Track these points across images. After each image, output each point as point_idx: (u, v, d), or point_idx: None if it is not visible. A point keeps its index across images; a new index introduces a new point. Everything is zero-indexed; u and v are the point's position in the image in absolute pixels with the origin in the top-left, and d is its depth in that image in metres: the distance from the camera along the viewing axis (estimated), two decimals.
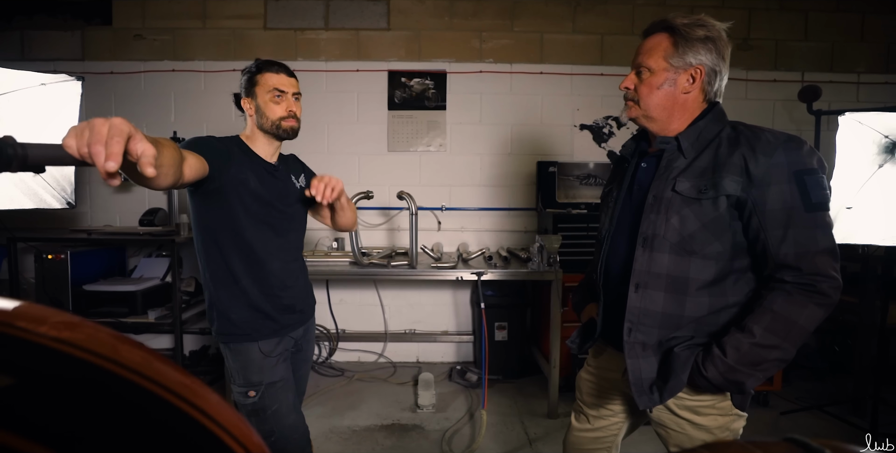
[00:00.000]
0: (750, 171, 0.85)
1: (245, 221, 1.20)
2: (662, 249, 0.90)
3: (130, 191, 2.96)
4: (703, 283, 0.89)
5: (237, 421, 0.37)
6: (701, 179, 0.89)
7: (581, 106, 3.00)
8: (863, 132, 1.77)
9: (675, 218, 0.89)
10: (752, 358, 0.83)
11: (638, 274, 0.92)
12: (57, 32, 2.92)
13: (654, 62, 0.92)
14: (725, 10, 2.97)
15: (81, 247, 2.47)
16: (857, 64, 3.04)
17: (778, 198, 0.84)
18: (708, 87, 0.93)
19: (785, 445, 0.41)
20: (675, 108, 0.94)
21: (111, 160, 0.54)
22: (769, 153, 0.84)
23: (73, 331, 0.35)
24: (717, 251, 0.88)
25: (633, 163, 1.03)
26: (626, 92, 0.98)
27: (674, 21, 0.92)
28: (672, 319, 0.91)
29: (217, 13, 2.91)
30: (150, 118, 2.90)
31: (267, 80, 1.22)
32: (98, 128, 0.56)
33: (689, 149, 0.92)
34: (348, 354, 3.03)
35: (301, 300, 1.34)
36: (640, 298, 0.92)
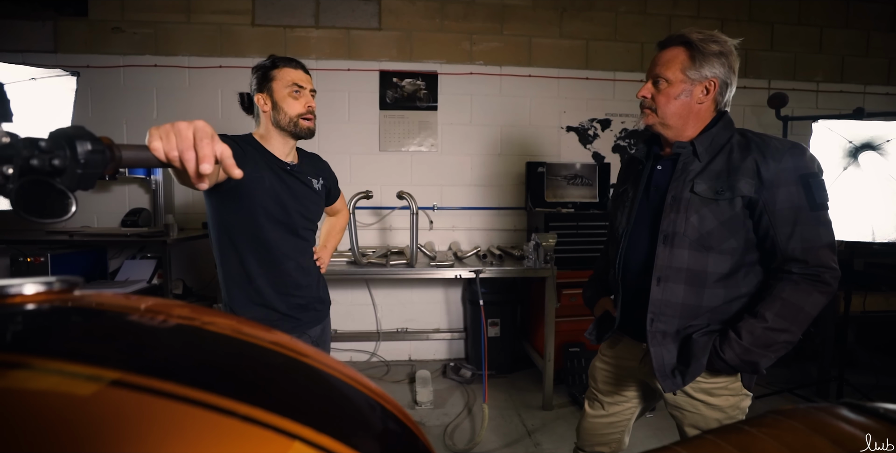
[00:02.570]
0: (761, 174, 0.94)
1: (260, 220, 1.19)
2: (682, 245, 0.98)
3: (109, 190, 2.83)
4: (719, 276, 0.98)
5: (349, 369, 0.41)
6: (717, 181, 0.97)
7: (567, 108, 3.10)
8: (831, 138, 1.94)
9: (694, 216, 0.97)
10: (765, 340, 0.92)
11: (660, 268, 1.00)
12: (24, 22, 2.75)
13: (672, 74, 0.99)
14: (701, 19, 3.15)
15: (61, 249, 2.36)
16: (816, 73, 3.30)
17: (786, 199, 0.93)
18: (719, 98, 1.01)
19: (841, 406, 0.48)
20: (690, 116, 1.02)
21: (205, 163, 0.55)
22: (778, 158, 0.94)
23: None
24: (732, 247, 0.97)
25: (648, 166, 1.10)
26: (642, 100, 1.05)
27: (690, 36, 0.98)
28: (691, 309, 0.99)
29: (202, 8, 2.82)
30: (130, 115, 2.79)
31: (285, 74, 1.21)
32: (184, 131, 0.57)
33: (704, 153, 1.01)
34: (340, 354, 3.02)
35: (316, 299, 1.34)
36: (661, 291, 1.00)
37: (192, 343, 0.38)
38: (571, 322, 2.61)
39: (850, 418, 0.44)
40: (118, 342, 0.35)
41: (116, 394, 0.27)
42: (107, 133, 0.55)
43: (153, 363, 0.32)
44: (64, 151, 0.48)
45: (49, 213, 0.48)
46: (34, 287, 0.34)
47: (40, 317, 0.34)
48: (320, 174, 1.38)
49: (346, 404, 0.38)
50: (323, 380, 0.39)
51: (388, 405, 0.40)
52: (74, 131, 0.49)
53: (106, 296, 0.40)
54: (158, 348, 0.36)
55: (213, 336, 0.39)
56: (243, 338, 0.40)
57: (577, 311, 2.60)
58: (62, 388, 0.27)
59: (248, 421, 0.29)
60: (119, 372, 0.29)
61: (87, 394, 0.27)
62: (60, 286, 0.36)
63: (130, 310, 0.40)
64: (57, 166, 0.47)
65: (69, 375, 0.28)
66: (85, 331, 0.35)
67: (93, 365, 0.29)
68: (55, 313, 0.35)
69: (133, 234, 2.38)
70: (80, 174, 0.49)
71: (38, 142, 0.46)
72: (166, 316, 0.40)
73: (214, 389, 0.30)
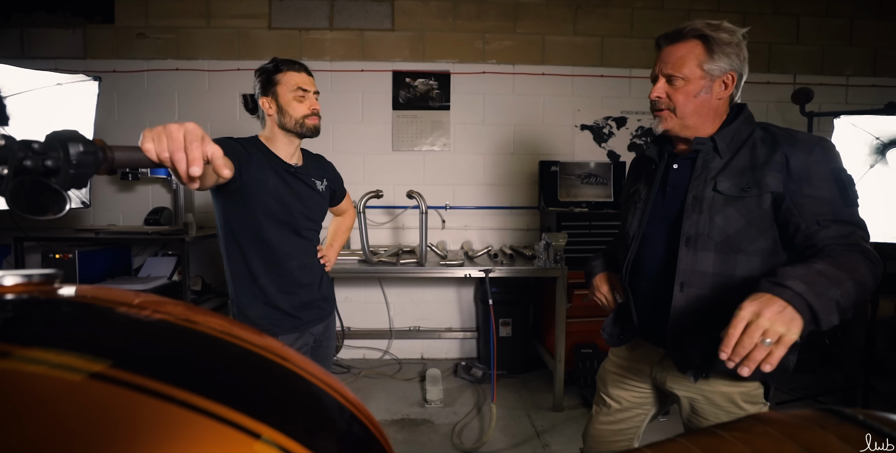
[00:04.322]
0: (790, 167, 0.88)
1: (264, 221, 1.22)
2: (707, 248, 0.92)
3: (134, 190, 2.95)
4: (748, 280, 0.89)
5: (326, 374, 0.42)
6: (742, 178, 0.90)
7: (582, 106, 3.06)
8: (856, 134, 1.86)
9: (718, 217, 0.91)
10: (817, 285, 0.72)
11: (683, 273, 0.93)
12: (57, 30, 2.89)
13: (688, 70, 0.92)
14: (721, 13, 3.05)
15: (88, 246, 2.47)
16: (846, 67, 3.15)
17: (818, 193, 0.86)
18: (735, 91, 0.96)
19: (820, 413, 0.46)
20: (710, 113, 0.95)
21: (194, 165, 0.57)
22: (808, 150, 0.88)
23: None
24: (762, 247, 0.90)
25: (662, 166, 1.03)
26: (656, 101, 0.96)
27: (704, 28, 0.92)
28: (717, 317, 0.91)
29: (221, 12, 2.91)
30: (153, 117, 2.89)
31: (289, 78, 1.23)
32: (174, 133, 0.59)
33: (725, 149, 0.94)
34: (353, 351, 3.07)
35: (320, 297, 1.36)
36: (685, 297, 0.94)
37: (169, 339, 0.39)
38: (583, 323, 2.58)
39: (827, 425, 0.43)
40: (97, 334, 0.37)
41: (96, 386, 0.29)
42: (130, 135, 0.58)
43: (131, 357, 0.34)
44: (57, 153, 0.51)
45: (44, 211, 0.51)
46: (13, 279, 0.37)
47: (19, 306, 0.36)
48: (324, 175, 1.40)
49: (315, 409, 0.39)
50: (298, 384, 0.39)
51: (357, 413, 0.41)
52: (67, 134, 0.52)
53: (85, 289, 0.42)
54: (136, 342, 0.37)
55: (192, 333, 0.41)
56: (225, 337, 0.41)
57: (590, 312, 2.57)
58: (43, 377, 0.29)
59: (214, 417, 0.30)
60: (101, 364, 0.30)
61: (67, 385, 0.28)
62: (40, 278, 0.38)
63: (111, 304, 0.41)
64: (50, 167, 0.50)
65: (51, 365, 0.30)
66: (63, 322, 0.37)
67: (75, 357, 0.31)
68: (33, 304, 0.37)
69: (154, 232, 2.47)
70: (72, 174, 0.52)
71: (32, 144, 0.49)
72: (149, 311, 0.42)
73: (185, 385, 0.31)
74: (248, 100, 1.29)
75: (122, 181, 2.86)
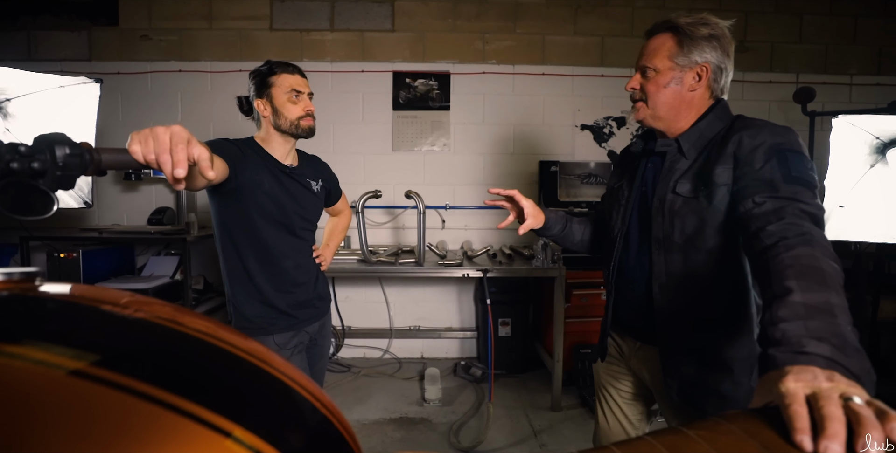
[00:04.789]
0: (737, 156, 0.85)
1: (259, 221, 1.23)
2: (672, 249, 0.93)
3: (138, 190, 2.98)
4: (716, 279, 0.90)
5: (304, 377, 0.43)
6: (699, 178, 0.90)
7: (582, 106, 3.06)
8: (855, 133, 1.85)
9: (677, 219, 0.91)
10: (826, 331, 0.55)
11: (658, 276, 0.94)
12: (63, 32, 2.93)
13: (659, 62, 0.93)
14: (722, 12, 2.99)
15: (92, 245, 2.51)
16: (850, 66, 3.12)
17: (758, 175, 0.82)
18: (714, 84, 0.95)
19: (748, 413, 0.47)
20: (682, 106, 0.95)
21: (179, 167, 0.59)
22: (754, 135, 0.85)
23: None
24: (718, 244, 0.89)
25: (643, 163, 1.04)
26: (632, 93, 0.99)
27: (677, 21, 0.93)
28: (697, 319, 0.93)
29: (223, 14, 2.94)
30: (156, 118, 2.93)
31: (283, 80, 1.25)
32: (161, 136, 0.60)
33: (691, 150, 0.94)
34: (354, 350, 3.09)
35: (315, 296, 1.38)
36: (664, 299, 0.95)
37: (149, 338, 0.40)
38: (582, 323, 2.58)
39: None
40: (78, 332, 0.38)
41: (74, 383, 0.30)
42: None
43: (110, 355, 0.35)
44: (44, 155, 0.52)
45: (32, 211, 0.53)
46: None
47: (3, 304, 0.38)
48: (320, 176, 1.41)
49: (288, 411, 0.40)
50: (274, 387, 0.41)
51: (331, 417, 0.42)
52: (54, 137, 0.54)
53: (68, 288, 0.44)
54: (116, 340, 0.39)
55: (173, 333, 0.42)
56: (207, 339, 0.42)
57: (589, 312, 2.57)
58: (24, 372, 0.30)
59: (185, 415, 0.31)
60: (80, 362, 0.31)
61: (46, 381, 0.29)
62: (20, 276, 0.40)
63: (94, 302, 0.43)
64: (37, 169, 0.52)
65: (32, 361, 0.31)
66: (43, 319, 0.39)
67: (55, 354, 0.32)
68: (14, 301, 0.38)
69: (157, 232, 2.50)
70: (59, 176, 0.53)
71: (19, 146, 0.51)
72: (132, 311, 0.43)
73: (160, 383, 0.32)
74: (242, 102, 1.31)
75: (126, 181, 2.90)
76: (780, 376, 0.48)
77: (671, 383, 0.96)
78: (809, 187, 0.79)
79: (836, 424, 0.37)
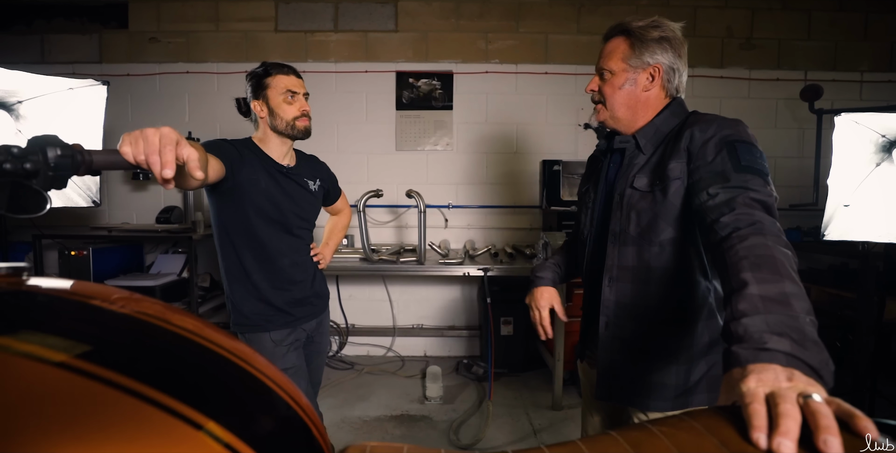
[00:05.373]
0: (689, 150, 0.88)
1: (256, 220, 1.26)
2: (626, 242, 0.95)
3: (147, 189, 3.05)
4: (664, 271, 0.92)
5: (283, 378, 0.45)
6: (654, 172, 0.93)
7: (585, 105, 3.04)
8: (860, 131, 1.82)
9: (633, 212, 0.94)
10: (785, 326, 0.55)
11: (610, 268, 0.97)
12: (75, 36, 3.00)
13: (613, 64, 0.97)
14: (729, 9, 3.01)
15: (102, 243, 2.57)
16: (861, 63, 3.07)
17: (708, 168, 0.84)
18: (668, 84, 0.97)
19: (712, 411, 0.47)
20: (638, 106, 0.98)
21: (167, 168, 0.61)
22: (705, 129, 0.88)
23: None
24: (670, 237, 0.91)
25: (606, 162, 1.06)
26: (592, 94, 1.02)
27: (629, 25, 0.97)
28: (642, 311, 0.95)
29: (229, 16, 2.98)
30: (165, 118, 2.99)
31: (279, 82, 1.28)
32: (150, 137, 0.63)
33: (647, 145, 0.96)
34: (358, 348, 3.12)
35: (313, 294, 1.40)
36: (612, 291, 0.97)
37: (134, 333, 0.43)
38: None
39: None
40: (64, 325, 0.40)
41: (58, 375, 0.32)
42: None
43: (96, 347, 0.37)
44: (36, 156, 0.55)
45: (26, 210, 0.56)
46: None
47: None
48: (317, 175, 1.44)
49: (262, 408, 0.42)
50: (251, 385, 0.42)
51: (305, 417, 0.43)
52: (46, 138, 0.56)
53: (53, 283, 0.46)
54: (98, 334, 0.41)
55: (156, 329, 0.44)
56: (191, 336, 0.44)
57: None
58: (7, 362, 0.32)
59: (160, 407, 0.33)
60: (65, 354, 0.34)
61: (33, 372, 0.31)
62: (7, 271, 0.42)
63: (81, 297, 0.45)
64: (29, 169, 0.54)
65: (13, 352, 0.33)
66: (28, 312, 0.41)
67: (42, 346, 0.34)
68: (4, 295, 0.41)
69: (164, 231, 2.55)
70: (51, 176, 0.56)
71: (12, 148, 0.53)
72: (117, 307, 0.45)
73: (139, 377, 0.34)
74: (240, 103, 1.34)
75: (135, 181, 2.96)
76: (742, 375, 0.50)
77: (605, 382, 0.99)
78: (760, 175, 0.81)
79: (790, 421, 0.39)
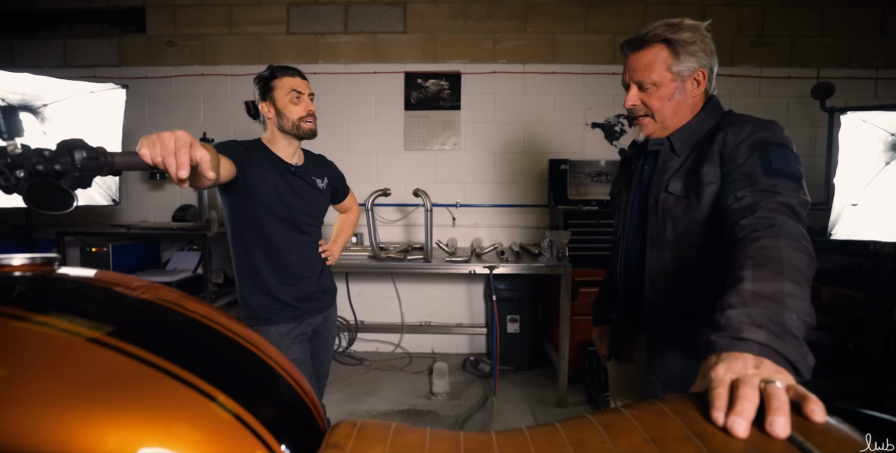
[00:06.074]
0: (722, 153, 0.87)
1: (266, 217, 1.31)
2: (664, 247, 0.95)
3: (163, 189, 3.14)
4: (705, 275, 0.92)
5: (287, 362, 0.49)
6: (689, 176, 0.92)
7: (593, 104, 3.06)
8: (868, 130, 1.80)
9: (669, 217, 0.93)
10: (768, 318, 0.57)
11: (650, 273, 0.97)
12: (95, 40, 3.11)
13: (658, 75, 0.94)
14: (739, 7, 2.98)
15: (121, 241, 2.66)
16: (876, 59, 3.02)
17: (739, 170, 0.83)
18: (708, 85, 0.97)
19: (682, 396, 0.50)
20: (686, 112, 0.97)
21: (182, 169, 0.66)
22: (738, 132, 0.86)
23: None
24: (707, 242, 0.91)
25: (639, 165, 1.05)
26: (632, 110, 0.98)
27: (664, 32, 0.93)
28: (686, 314, 0.95)
29: (243, 19, 3.06)
30: (181, 120, 3.08)
31: (284, 83, 1.33)
32: (166, 140, 0.68)
33: (682, 147, 0.95)
34: (366, 344, 3.17)
35: (320, 290, 1.44)
36: (654, 294, 0.97)
37: (154, 315, 0.48)
38: (589, 320, 2.55)
39: None
40: (93, 307, 0.45)
41: (90, 349, 0.37)
42: None
43: (122, 326, 0.42)
44: (65, 158, 0.60)
45: (55, 207, 0.61)
46: (20, 260, 0.46)
47: (29, 282, 0.45)
48: (325, 174, 1.48)
49: (268, 386, 0.46)
50: (258, 365, 0.47)
51: (305, 397, 0.48)
52: (73, 142, 0.61)
53: (80, 271, 0.51)
54: (124, 315, 0.46)
55: (174, 313, 0.49)
56: (204, 321, 0.49)
57: None
58: (51, 337, 0.37)
59: (178, 379, 0.38)
60: (96, 332, 0.39)
61: (68, 345, 0.36)
62: (42, 261, 0.47)
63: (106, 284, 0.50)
64: (59, 170, 0.59)
65: (57, 329, 0.38)
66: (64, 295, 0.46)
67: (75, 324, 0.39)
68: (39, 280, 0.46)
69: (180, 228, 2.64)
70: (77, 176, 0.61)
71: (43, 151, 0.59)
72: (138, 293, 0.50)
73: (160, 352, 0.39)
74: (249, 106, 1.39)
75: (152, 180, 3.06)
76: (715, 362, 0.53)
77: (655, 379, 0.98)
78: (792, 179, 0.79)
79: (746, 403, 0.42)
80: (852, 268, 2.79)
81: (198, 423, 0.36)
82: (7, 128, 0.54)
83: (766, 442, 0.39)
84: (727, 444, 0.40)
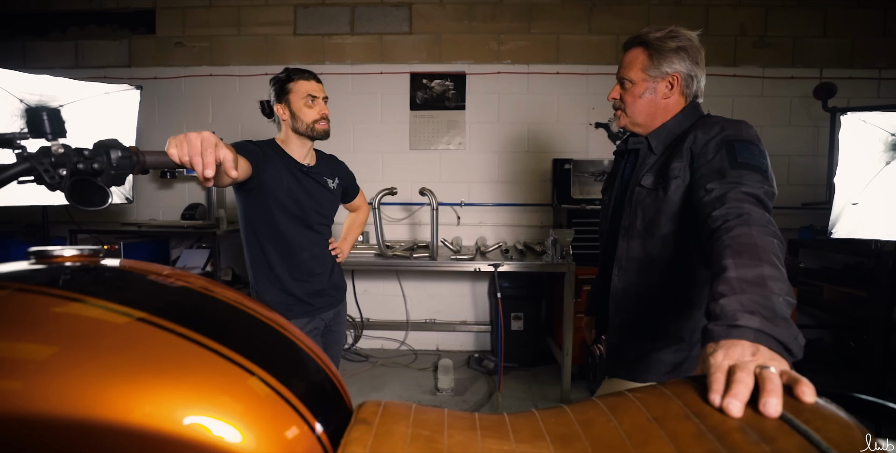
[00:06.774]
0: (692, 150, 0.93)
1: (279, 216, 1.35)
2: (633, 236, 1.02)
3: (173, 187, 3.19)
4: (667, 264, 0.99)
5: (313, 343, 0.53)
6: (659, 172, 0.99)
7: (596, 104, 3.08)
8: (868, 130, 1.83)
9: (639, 208, 1.01)
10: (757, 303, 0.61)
11: (619, 260, 1.04)
12: (106, 42, 3.16)
13: (633, 74, 1.02)
14: (743, 7, 3.00)
15: (132, 238, 2.71)
16: (879, 59, 3.03)
17: (707, 166, 0.89)
18: (686, 90, 1.03)
19: (683, 380, 0.54)
20: (658, 112, 1.04)
21: (208, 168, 0.70)
22: (707, 130, 0.92)
23: None
24: (671, 231, 0.97)
25: (623, 163, 1.13)
26: (613, 102, 1.08)
27: (647, 36, 1.01)
28: (648, 299, 1.02)
29: (250, 21, 3.10)
30: (190, 120, 3.13)
31: (300, 87, 1.37)
32: (193, 141, 0.72)
33: (658, 146, 1.02)
34: (372, 341, 3.22)
35: (331, 286, 1.49)
36: (620, 281, 1.04)
37: (190, 298, 0.52)
38: None
39: None
40: (138, 291, 0.49)
41: (140, 327, 0.41)
42: (169, 137, 0.72)
43: (165, 308, 0.46)
44: (102, 157, 0.64)
45: (92, 204, 0.65)
46: (71, 251, 0.50)
47: (81, 269, 0.49)
48: (336, 174, 1.52)
49: (299, 364, 0.50)
50: (290, 345, 0.51)
51: (332, 377, 0.52)
52: (110, 142, 0.65)
53: (124, 261, 0.55)
54: (165, 298, 0.50)
55: (208, 297, 0.53)
56: (236, 304, 0.53)
57: None
58: (104, 317, 0.41)
59: (219, 355, 0.42)
60: (141, 312, 0.43)
61: (121, 324, 0.41)
62: (90, 252, 0.51)
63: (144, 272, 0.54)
64: (96, 169, 0.63)
65: (108, 310, 0.42)
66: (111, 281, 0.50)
67: (125, 306, 0.43)
68: (89, 268, 0.50)
69: (189, 226, 2.68)
70: (113, 174, 0.65)
71: (83, 151, 0.63)
72: (174, 279, 0.54)
73: (201, 330, 0.43)
74: (264, 106, 1.43)
75: (162, 179, 3.10)
76: (714, 349, 0.57)
77: (611, 360, 1.06)
78: (757, 171, 0.85)
79: (741, 386, 0.46)
80: (853, 267, 2.81)
81: (240, 396, 0.40)
82: (52, 129, 0.58)
83: (759, 420, 0.43)
84: (723, 422, 0.43)
